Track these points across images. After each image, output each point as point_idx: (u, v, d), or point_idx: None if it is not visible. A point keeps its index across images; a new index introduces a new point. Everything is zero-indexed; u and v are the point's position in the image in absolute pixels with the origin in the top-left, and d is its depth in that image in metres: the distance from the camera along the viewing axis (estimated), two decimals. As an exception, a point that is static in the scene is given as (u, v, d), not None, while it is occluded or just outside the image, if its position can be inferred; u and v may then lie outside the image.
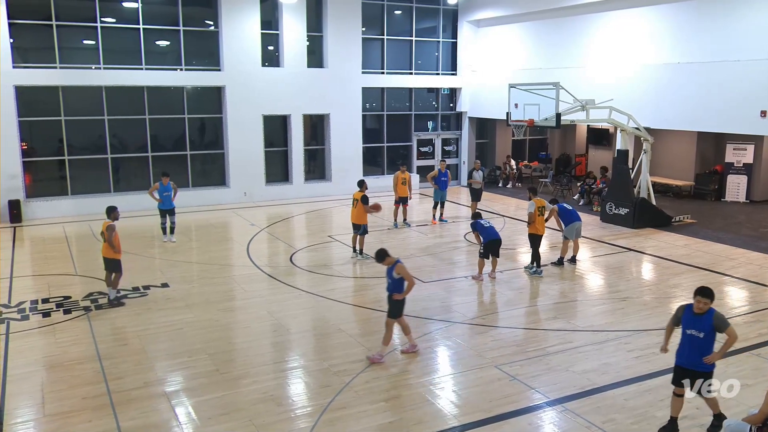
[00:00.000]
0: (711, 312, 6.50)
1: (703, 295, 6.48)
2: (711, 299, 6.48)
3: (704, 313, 6.50)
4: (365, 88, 22.79)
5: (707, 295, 6.48)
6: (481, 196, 18.52)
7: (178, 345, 9.32)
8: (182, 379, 8.28)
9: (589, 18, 20.07)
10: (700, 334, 6.50)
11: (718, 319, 6.48)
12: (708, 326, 6.48)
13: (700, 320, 6.51)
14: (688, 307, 6.67)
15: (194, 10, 20.35)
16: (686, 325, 6.63)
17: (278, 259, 14.47)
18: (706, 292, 6.50)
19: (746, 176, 20.59)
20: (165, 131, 20.43)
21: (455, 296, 11.62)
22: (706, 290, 6.52)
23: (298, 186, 21.99)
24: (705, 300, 6.47)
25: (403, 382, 8.09)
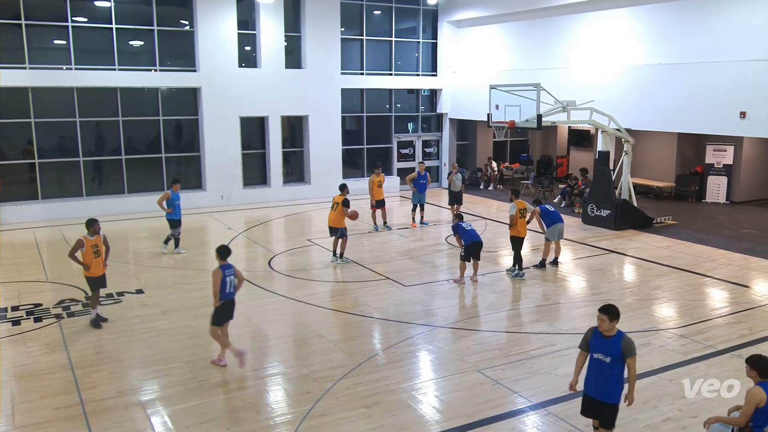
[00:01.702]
0: (620, 335, 6.00)
1: (603, 311, 6.02)
2: (611, 317, 5.98)
3: (612, 336, 6.00)
4: (344, 89, 22.78)
5: (606, 311, 6.01)
6: (461, 199, 18.26)
7: (154, 353, 9.23)
8: (158, 388, 8.19)
9: (569, 19, 20.27)
10: (607, 359, 5.99)
11: (626, 344, 5.95)
12: (616, 351, 5.95)
13: (607, 343, 6.01)
14: (596, 329, 6.15)
15: (169, 10, 20.19)
16: (593, 348, 6.13)
17: (256, 263, 14.40)
18: (605, 309, 6.02)
19: (726, 177, 20.91)
20: (139, 133, 20.22)
21: (437, 300, 11.65)
22: (606, 307, 6.04)
23: (276, 189, 21.90)
24: (602, 316, 5.99)
25: (384, 388, 8.08)
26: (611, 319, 5.97)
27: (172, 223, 14.63)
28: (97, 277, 10.29)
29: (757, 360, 6.06)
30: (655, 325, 10.24)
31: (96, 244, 10.22)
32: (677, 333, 9.89)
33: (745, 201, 20.93)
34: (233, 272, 8.76)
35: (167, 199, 14.34)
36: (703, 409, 7.38)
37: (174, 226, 14.66)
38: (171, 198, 14.36)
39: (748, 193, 21.12)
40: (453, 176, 18.12)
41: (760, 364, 6.01)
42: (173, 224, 14.64)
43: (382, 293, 11.98)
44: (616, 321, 5.99)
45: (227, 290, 8.69)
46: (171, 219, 14.57)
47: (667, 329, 10.06)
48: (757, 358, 6.11)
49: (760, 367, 6.00)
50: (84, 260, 10.13)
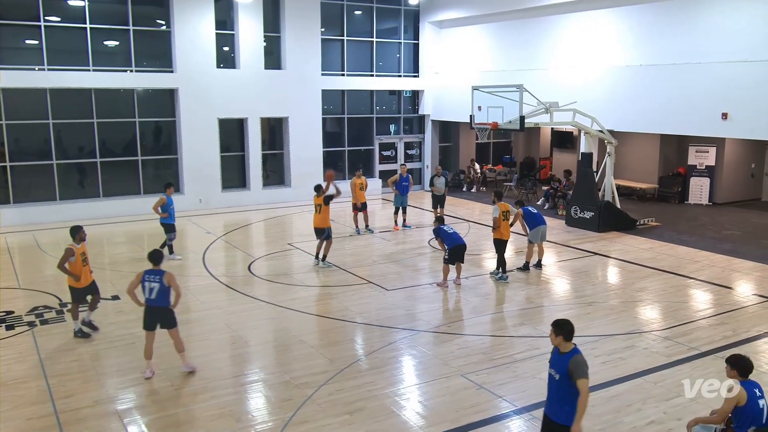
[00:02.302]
0: (572, 353, 5.73)
1: (551, 325, 5.88)
2: (556, 331, 5.81)
3: (566, 352, 5.76)
4: (325, 91, 22.77)
5: (553, 325, 5.86)
6: (444, 203, 18.20)
7: (130, 360, 9.13)
8: (135, 396, 8.11)
9: (552, 20, 20.44)
10: (556, 376, 5.78)
11: (573, 363, 5.63)
12: (564, 368, 5.69)
13: (560, 359, 5.77)
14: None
15: (145, 9, 20.04)
16: (550, 363, 5.94)
17: (236, 268, 14.32)
18: (553, 323, 5.87)
19: (708, 179, 21.20)
20: (114, 135, 20.04)
21: (420, 304, 11.66)
22: (554, 321, 5.88)
23: (256, 192, 21.81)
24: (551, 330, 5.87)
25: (367, 394, 8.07)
26: (556, 333, 5.79)
27: (167, 227, 14.48)
28: (84, 287, 10.03)
29: (737, 360, 6.20)
30: (639, 328, 10.35)
31: (83, 251, 10.02)
32: (661, 335, 10.00)
33: (728, 202, 21.22)
34: (158, 279, 8.47)
35: (162, 204, 14.22)
36: (688, 411, 7.47)
37: (169, 231, 14.51)
38: (166, 202, 14.25)
39: (730, 194, 21.43)
40: (436, 179, 18.04)
41: (740, 364, 6.15)
42: (168, 229, 14.49)
43: (364, 297, 11.98)
44: (563, 336, 5.76)
45: (146, 296, 8.52)
46: (166, 224, 14.43)
47: (651, 331, 10.17)
48: (736, 357, 6.24)
49: (740, 367, 6.14)
50: (74, 270, 9.83)
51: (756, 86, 15.10)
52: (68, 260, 9.74)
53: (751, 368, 6.20)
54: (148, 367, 8.62)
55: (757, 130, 15.70)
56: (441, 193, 17.97)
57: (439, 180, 18.00)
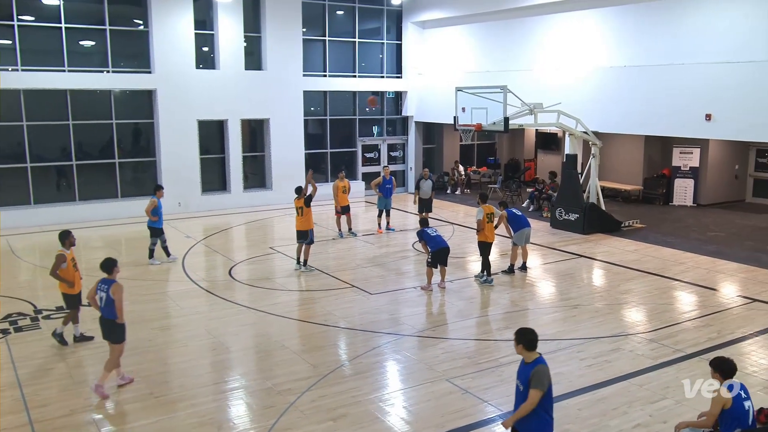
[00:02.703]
0: (535, 363, 5.69)
1: (514, 334, 5.87)
2: (516, 340, 5.79)
3: (529, 363, 5.73)
4: (307, 92, 22.73)
5: (515, 334, 5.84)
6: (431, 207, 18.19)
7: (108, 368, 9.03)
8: (113, 405, 8.03)
9: (536, 20, 20.59)
10: (521, 387, 5.76)
11: (535, 373, 5.61)
12: (526, 378, 5.68)
13: (524, 370, 5.76)
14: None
15: (122, 8, 19.89)
16: (517, 373, 5.92)
17: (216, 272, 14.24)
18: (515, 332, 5.84)
19: (693, 180, 21.44)
20: (91, 138, 19.85)
21: (404, 308, 11.67)
22: (517, 330, 5.86)
23: (236, 195, 21.71)
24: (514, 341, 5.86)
25: (351, 400, 8.06)
26: (517, 342, 5.76)
27: (155, 231, 14.41)
28: (78, 292, 9.99)
29: (720, 362, 6.31)
30: (625, 330, 10.43)
31: (73, 257, 9.95)
32: (646, 337, 10.08)
33: (712, 203, 21.47)
34: (106, 289, 8.32)
35: (154, 207, 14.18)
36: (674, 413, 7.54)
37: (158, 235, 14.46)
38: (157, 206, 14.22)
39: (715, 195, 21.69)
40: (423, 182, 17.90)
41: (723, 367, 6.25)
42: (156, 233, 14.43)
43: (347, 302, 11.96)
44: (524, 345, 5.72)
45: (99, 305, 8.43)
46: (155, 227, 14.38)
47: (636, 334, 10.26)
48: (719, 360, 6.35)
49: (723, 369, 6.25)
50: (66, 276, 9.78)
51: (739, 87, 15.31)
52: (60, 266, 9.67)
53: (735, 370, 6.29)
54: (118, 375, 8.52)
55: (740, 132, 15.92)
56: (428, 197, 17.86)
57: (426, 183, 17.87)
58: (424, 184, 17.85)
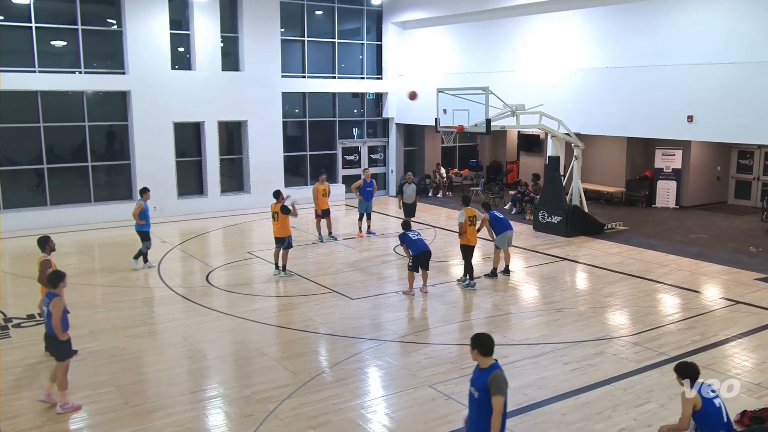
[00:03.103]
0: (491, 369, 5.57)
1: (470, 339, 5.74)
2: (472, 345, 5.67)
3: (485, 368, 5.62)
4: (285, 93, 22.68)
5: (471, 339, 5.72)
6: (415, 212, 18.03)
7: (82, 377, 8.93)
8: (86, 416, 7.93)
9: (517, 21, 20.73)
10: (476, 394, 5.64)
11: (492, 378, 5.50)
12: (482, 384, 5.54)
13: (479, 376, 5.64)
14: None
15: (94, 8, 19.71)
16: (471, 381, 5.79)
17: (193, 278, 14.14)
18: (472, 338, 5.71)
19: (675, 182, 21.70)
20: (62, 140, 19.63)
21: (385, 313, 11.67)
22: (473, 337, 5.72)
23: (213, 199, 21.58)
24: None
25: (332, 407, 8.04)
26: (472, 347, 5.66)
27: (144, 235, 14.37)
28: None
29: (683, 367, 6.52)
30: (608, 333, 10.52)
31: (53, 263, 9.82)
32: (630, 341, 10.17)
33: (694, 205, 21.74)
34: (47, 303, 8.05)
35: (141, 210, 14.14)
36: (657, 417, 7.61)
37: (146, 239, 14.41)
38: (144, 209, 14.18)
39: (697, 197, 21.96)
40: (406, 186, 17.83)
41: (687, 371, 6.46)
42: (145, 237, 14.39)
43: (328, 307, 11.94)
44: (479, 350, 5.62)
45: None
46: (143, 231, 14.33)
47: (620, 337, 10.35)
48: (683, 365, 6.57)
49: (686, 374, 6.45)
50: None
51: (721, 89, 15.53)
52: (47, 272, 9.55)
53: (698, 373, 6.49)
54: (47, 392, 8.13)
55: (722, 133, 16.15)
56: (412, 201, 17.78)
57: (410, 187, 17.82)
58: (407, 188, 17.84)
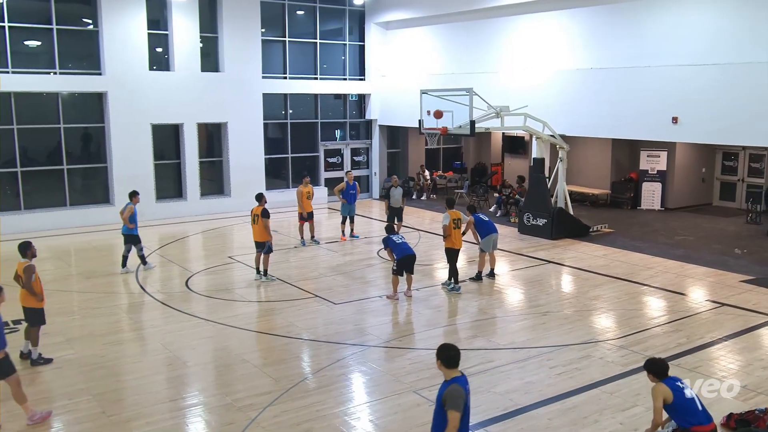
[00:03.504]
0: (450, 382, 5.46)
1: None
2: (437, 355, 5.57)
3: (447, 381, 5.52)
4: (266, 94, 22.62)
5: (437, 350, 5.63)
6: (402, 216, 17.80)
7: (57, 386, 8.85)
8: (62, 426, 7.85)
9: (501, 21, 20.84)
10: (436, 404, 5.58)
11: (447, 392, 5.39)
12: (440, 397, 5.49)
13: (441, 388, 5.55)
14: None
15: (70, 7, 19.56)
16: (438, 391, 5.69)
17: (172, 284, 14.04)
18: (437, 349, 5.62)
19: (660, 184, 21.91)
20: (37, 143, 19.43)
21: (369, 318, 11.66)
22: (438, 347, 5.62)
23: (193, 202, 21.46)
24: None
25: (315, 414, 8.02)
26: (437, 357, 5.56)
27: (131, 238, 14.38)
28: (43, 308, 9.72)
29: (651, 364, 6.74)
30: (595, 337, 10.59)
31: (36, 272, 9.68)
32: (616, 344, 10.25)
33: (679, 207, 21.96)
34: None
35: (131, 214, 14.21)
36: (644, 421, 7.66)
37: (136, 242, 14.44)
38: (134, 213, 14.29)
39: (682, 199, 22.19)
40: (393, 190, 17.55)
41: (655, 368, 6.68)
42: (133, 240, 14.40)
43: (310, 312, 11.91)
44: (442, 362, 5.52)
45: None
46: (130, 234, 14.35)
47: (606, 340, 10.42)
48: (650, 362, 6.78)
49: (655, 371, 6.67)
50: (37, 289, 9.54)
51: (705, 90, 15.71)
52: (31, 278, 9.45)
53: (667, 368, 6.69)
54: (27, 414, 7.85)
55: (706, 134, 16.34)
56: (399, 205, 17.52)
57: (396, 191, 17.51)
58: (394, 191, 17.55)
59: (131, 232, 14.33)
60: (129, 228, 14.26)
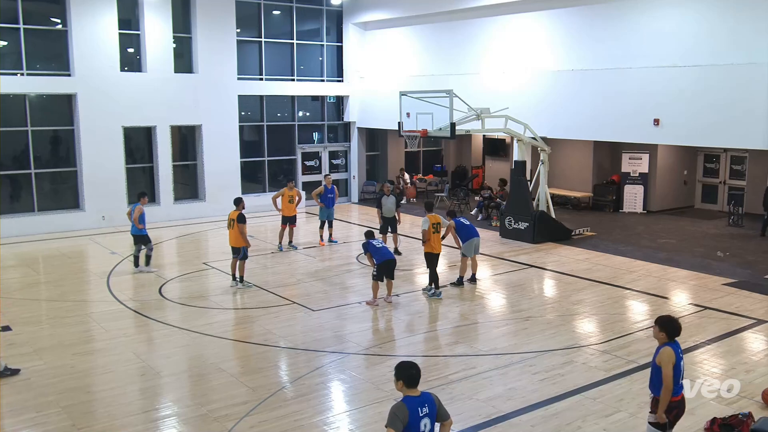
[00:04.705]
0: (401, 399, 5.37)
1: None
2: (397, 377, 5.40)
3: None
4: (242, 96, 22.54)
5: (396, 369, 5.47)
6: (396, 226, 16.69)
7: (25, 398, 8.71)
8: (30, 439, 7.74)
9: (480, 22, 20.95)
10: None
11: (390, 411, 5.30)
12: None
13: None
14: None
15: (37, 6, 19.35)
16: None
17: (145, 291, 13.91)
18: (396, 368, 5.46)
19: (642, 186, 22.15)
20: (3, 146, 19.14)
21: (349, 324, 11.64)
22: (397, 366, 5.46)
23: (166, 207, 21.30)
24: None
25: (293, 424, 7.98)
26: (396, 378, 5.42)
27: (141, 239, 14.91)
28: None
29: (667, 321, 6.52)
30: (577, 342, 10.66)
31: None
32: (599, 349, 10.33)
33: (661, 210, 22.22)
34: None
35: (140, 214, 14.67)
36: (628, 426, 7.74)
37: (146, 242, 14.95)
38: (143, 213, 14.77)
39: (664, 201, 22.45)
40: (385, 198, 16.47)
41: (671, 326, 6.48)
42: (142, 240, 14.92)
43: (288, 319, 11.87)
44: (394, 376, 5.42)
45: None
46: (139, 235, 14.86)
47: (589, 345, 10.50)
48: (666, 319, 6.56)
49: (669, 329, 6.48)
50: None
51: (686, 92, 15.93)
52: None
53: (680, 330, 6.52)
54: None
55: (688, 137, 16.56)
56: (392, 215, 16.47)
57: (389, 200, 16.45)
58: (386, 200, 16.47)
59: (140, 233, 14.82)
60: (138, 228, 14.72)
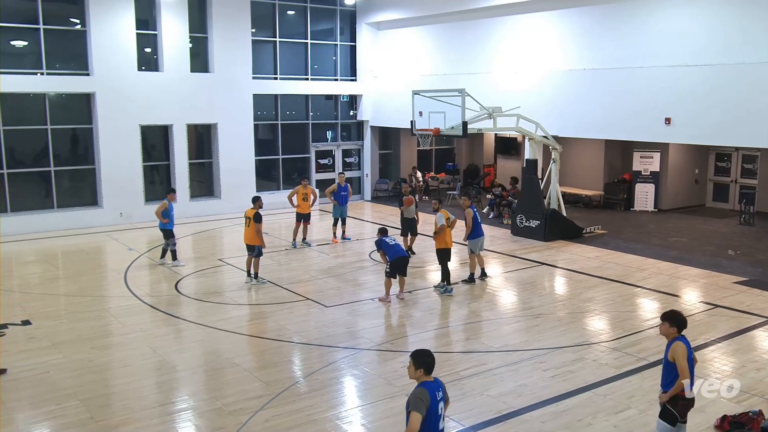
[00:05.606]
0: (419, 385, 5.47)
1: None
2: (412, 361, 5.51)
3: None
4: (257, 95, 22.58)
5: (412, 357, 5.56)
6: (416, 229, 16.31)
7: (44, 391, 8.79)
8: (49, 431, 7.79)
9: (493, 22, 20.87)
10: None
11: (412, 396, 5.40)
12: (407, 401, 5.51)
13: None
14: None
15: (57, 6, 19.47)
16: None
17: (161, 287, 14.00)
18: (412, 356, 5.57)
19: (653, 185, 22.00)
20: (23, 144, 19.33)
21: (361, 320, 11.66)
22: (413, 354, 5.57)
23: (182, 204, 21.28)
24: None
25: (306, 419, 8.00)
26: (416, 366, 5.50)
27: (166, 233, 15.25)
28: None
29: (674, 315, 6.63)
30: (588, 339, 10.61)
31: None
32: (610, 346, 10.28)
33: (673, 208, 22.07)
34: None
35: (164, 209, 14.93)
36: (638, 423, 7.70)
37: (168, 237, 15.25)
38: (167, 208, 14.98)
39: (675, 200, 22.29)
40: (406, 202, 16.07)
41: (679, 319, 6.58)
42: (167, 234, 15.25)
43: (302, 315, 11.89)
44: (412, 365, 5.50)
45: None
46: (165, 229, 15.19)
47: (599, 342, 10.45)
48: (673, 313, 6.67)
49: (678, 323, 6.57)
50: None
51: (697, 91, 15.79)
52: None
53: (686, 323, 6.62)
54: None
55: (699, 135, 16.42)
56: (412, 216, 16.14)
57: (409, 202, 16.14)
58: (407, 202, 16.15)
59: (165, 227, 15.14)
60: (164, 223, 15.02)
